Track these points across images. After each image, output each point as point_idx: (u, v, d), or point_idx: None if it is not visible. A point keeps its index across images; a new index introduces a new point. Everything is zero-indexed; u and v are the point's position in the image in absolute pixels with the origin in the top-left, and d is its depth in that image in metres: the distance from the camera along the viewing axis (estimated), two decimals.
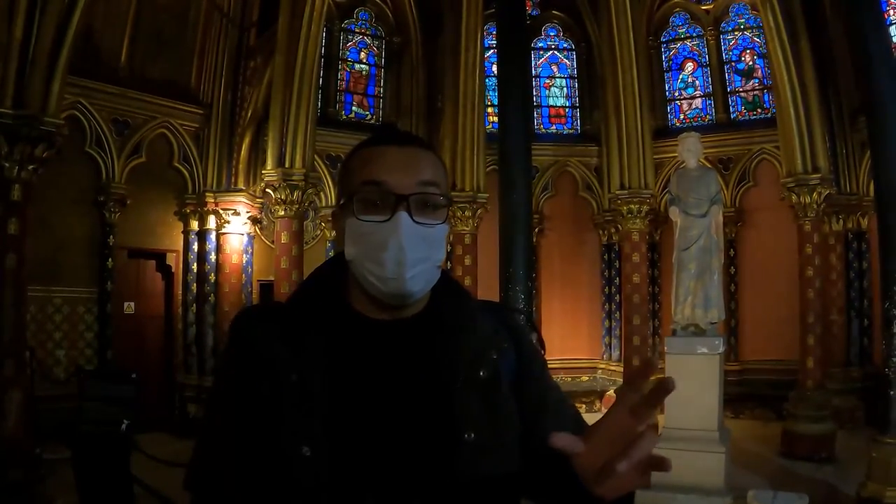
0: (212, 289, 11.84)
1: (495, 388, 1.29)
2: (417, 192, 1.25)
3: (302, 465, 1.16)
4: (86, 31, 9.39)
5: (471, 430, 1.22)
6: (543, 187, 13.85)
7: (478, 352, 1.29)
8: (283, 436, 1.18)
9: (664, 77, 14.15)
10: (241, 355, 1.28)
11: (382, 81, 13.88)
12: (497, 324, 1.37)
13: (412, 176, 1.26)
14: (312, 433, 1.18)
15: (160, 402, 11.09)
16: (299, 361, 1.22)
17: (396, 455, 1.20)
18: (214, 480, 1.26)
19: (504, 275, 7.75)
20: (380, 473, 1.18)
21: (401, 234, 1.23)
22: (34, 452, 6.97)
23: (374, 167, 1.27)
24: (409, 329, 1.30)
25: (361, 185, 1.27)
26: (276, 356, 1.23)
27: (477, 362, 1.28)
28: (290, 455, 1.17)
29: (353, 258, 1.27)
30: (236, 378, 1.26)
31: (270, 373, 1.22)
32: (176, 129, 11.63)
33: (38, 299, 9.60)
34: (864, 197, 11.52)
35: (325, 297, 1.33)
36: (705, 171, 8.17)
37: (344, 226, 1.29)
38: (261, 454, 1.20)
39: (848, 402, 10.68)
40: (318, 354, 1.23)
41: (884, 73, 7.04)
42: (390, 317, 1.30)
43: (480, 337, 1.31)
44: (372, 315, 1.30)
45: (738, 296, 12.87)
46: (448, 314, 1.33)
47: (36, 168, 7.19)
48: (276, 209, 10.14)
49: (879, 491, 6.34)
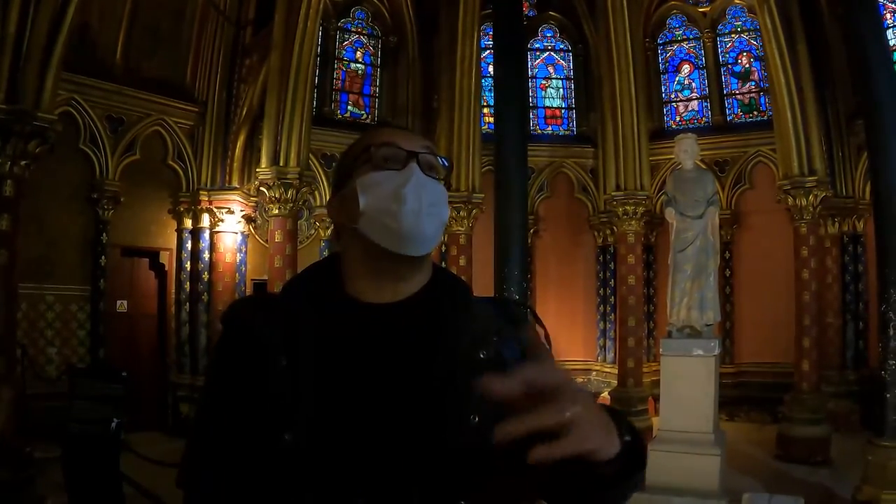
0: (205, 287, 11.78)
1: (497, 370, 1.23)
2: (424, 151, 1.33)
3: (284, 451, 1.14)
4: (81, 28, 9.37)
5: (475, 412, 1.18)
6: (539, 188, 13.83)
7: (477, 333, 1.26)
8: (266, 421, 1.16)
9: (661, 79, 14.15)
10: (235, 341, 1.26)
11: (378, 81, 13.85)
12: (498, 311, 1.35)
13: (418, 142, 1.35)
14: (296, 419, 1.15)
15: (153, 402, 11.03)
16: (289, 346, 1.20)
17: (389, 442, 1.16)
18: (208, 477, 1.23)
19: (499, 276, 7.72)
20: (371, 462, 1.15)
21: (416, 176, 1.29)
22: (25, 451, 6.91)
23: (383, 134, 1.35)
24: (405, 312, 1.28)
25: (372, 147, 1.33)
26: (266, 339, 1.21)
27: (477, 344, 1.25)
28: (271, 441, 1.14)
29: (366, 208, 1.28)
30: (230, 366, 1.24)
31: (261, 357, 1.20)
32: (170, 126, 11.58)
33: (30, 297, 9.55)
34: (860, 200, 11.54)
35: (320, 284, 1.32)
36: (702, 173, 8.16)
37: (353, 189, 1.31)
38: (251, 444, 1.17)
39: (843, 406, 10.70)
40: (309, 339, 1.21)
41: (881, 77, 7.04)
42: (389, 296, 1.29)
43: (479, 320, 1.29)
44: (369, 298, 1.29)
45: (734, 298, 12.87)
46: (445, 296, 1.31)
47: (28, 164, 7.14)
48: (270, 208, 10.08)
49: (875, 494, 6.33)
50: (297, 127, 9.87)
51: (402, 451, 1.16)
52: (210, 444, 1.24)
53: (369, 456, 1.15)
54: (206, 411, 1.30)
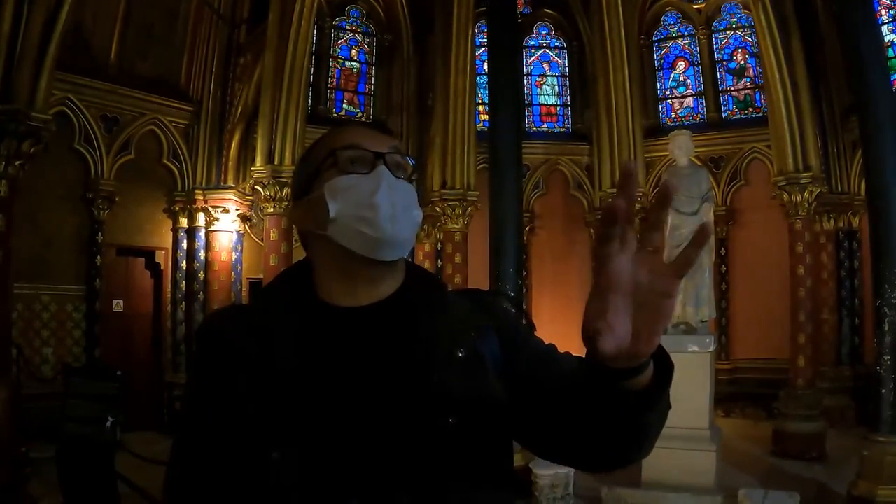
0: (201, 287, 11.77)
1: (476, 368, 1.23)
2: (391, 151, 1.30)
3: (272, 469, 1.12)
4: (75, 27, 9.32)
5: (453, 413, 1.17)
6: (534, 186, 13.83)
7: (454, 331, 1.24)
8: (251, 439, 1.14)
9: (655, 76, 14.15)
10: (212, 355, 1.24)
11: (373, 79, 13.84)
12: (473, 304, 1.33)
13: (384, 142, 1.32)
14: (283, 436, 1.13)
15: (148, 401, 11.00)
16: (268, 355, 1.18)
17: (378, 449, 1.15)
18: (192, 490, 1.22)
19: (494, 273, 7.74)
20: (362, 470, 1.14)
21: (386, 182, 1.26)
22: (20, 451, 6.89)
23: (346, 135, 1.32)
24: (379, 314, 1.26)
25: (337, 150, 1.29)
26: (244, 349, 1.20)
27: (454, 341, 1.23)
28: (259, 459, 1.13)
29: (337, 214, 1.24)
30: (209, 380, 1.23)
31: (239, 368, 1.18)
32: (165, 125, 11.55)
33: (25, 297, 9.52)
34: (855, 196, 11.56)
35: (293, 292, 1.30)
36: (696, 169, 8.17)
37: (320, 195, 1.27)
38: (231, 457, 1.15)
39: (839, 401, 10.72)
40: (289, 348, 1.19)
41: (876, 73, 7.07)
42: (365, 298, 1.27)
43: (455, 317, 1.27)
44: (343, 302, 1.27)
45: (729, 294, 12.89)
46: (418, 297, 1.29)
47: (23, 164, 7.09)
48: (265, 206, 10.08)
49: (871, 489, 6.35)
50: (292, 125, 9.86)
51: (387, 455, 1.15)
52: (193, 457, 1.23)
53: (357, 461, 1.14)
54: (187, 426, 1.28)
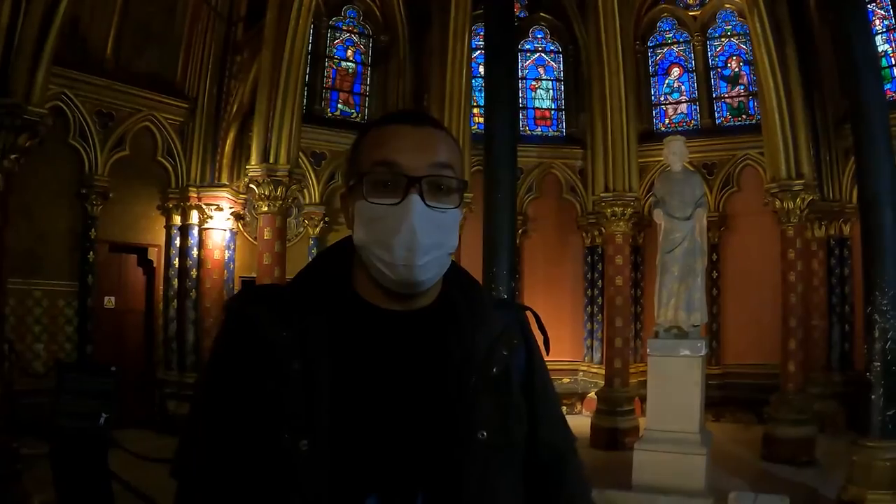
0: (193, 284, 11.75)
1: (507, 386, 1.25)
2: (430, 174, 1.20)
3: (300, 460, 1.12)
4: (72, 22, 9.32)
5: (483, 427, 1.19)
6: (528, 189, 13.84)
7: (491, 348, 1.25)
8: (281, 429, 1.14)
9: (650, 81, 14.21)
10: (239, 337, 1.22)
11: (369, 79, 13.85)
12: (509, 320, 1.33)
13: (425, 157, 1.21)
14: (312, 427, 1.13)
15: (140, 399, 10.95)
16: (301, 348, 1.17)
17: (402, 451, 1.16)
18: (204, 469, 1.21)
19: (487, 275, 7.74)
20: (384, 470, 1.15)
21: (412, 218, 1.17)
22: (12, 447, 6.85)
23: (386, 147, 1.22)
24: (419, 321, 1.25)
25: (372, 165, 1.21)
26: (276, 339, 1.18)
27: (490, 359, 1.24)
28: (287, 449, 1.13)
29: (361, 243, 1.22)
30: (233, 362, 1.21)
31: (270, 358, 1.17)
32: (160, 122, 11.53)
33: (17, 292, 9.47)
34: (846, 203, 11.62)
35: (330, 282, 1.27)
36: (690, 175, 8.20)
37: (353, 209, 1.24)
38: (258, 446, 1.15)
39: (829, 407, 10.76)
40: (322, 342, 1.18)
41: (869, 81, 7.11)
42: (400, 307, 1.25)
43: (493, 333, 1.27)
44: (380, 304, 1.25)
45: (721, 300, 12.94)
46: (461, 307, 1.28)
47: (18, 158, 7.07)
48: (259, 205, 10.08)
49: (860, 494, 6.38)
50: (288, 124, 9.88)
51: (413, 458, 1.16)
52: (207, 437, 1.22)
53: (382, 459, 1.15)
54: (203, 404, 1.26)
